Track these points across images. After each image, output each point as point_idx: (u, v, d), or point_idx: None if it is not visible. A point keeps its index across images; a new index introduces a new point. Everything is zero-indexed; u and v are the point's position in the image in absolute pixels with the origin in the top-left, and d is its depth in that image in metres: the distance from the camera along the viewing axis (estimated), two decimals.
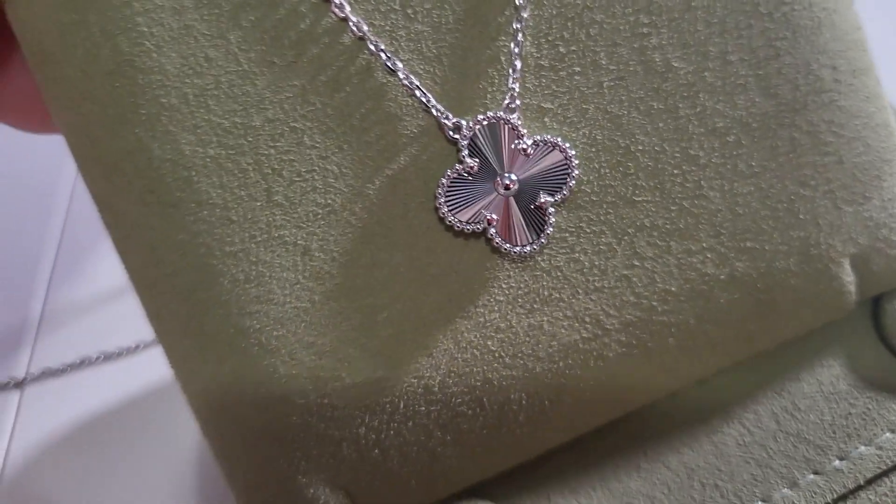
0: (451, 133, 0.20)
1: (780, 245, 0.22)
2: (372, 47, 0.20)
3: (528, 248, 0.20)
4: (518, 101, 0.20)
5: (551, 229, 0.21)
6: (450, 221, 0.20)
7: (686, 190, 0.21)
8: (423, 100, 0.20)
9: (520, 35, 0.20)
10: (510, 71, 0.20)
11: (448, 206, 0.20)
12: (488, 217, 0.20)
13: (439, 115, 0.20)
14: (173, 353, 0.21)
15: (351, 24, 0.20)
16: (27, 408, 0.31)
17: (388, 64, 0.20)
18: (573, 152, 0.20)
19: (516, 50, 0.20)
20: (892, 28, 0.36)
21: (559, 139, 0.20)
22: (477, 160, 0.20)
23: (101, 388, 0.31)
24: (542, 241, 0.21)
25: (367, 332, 0.20)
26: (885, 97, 0.23)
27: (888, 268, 0.23)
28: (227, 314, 0.20)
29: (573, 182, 0.21)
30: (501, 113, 0.20)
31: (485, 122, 0.20)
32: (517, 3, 0.20)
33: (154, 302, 0.21)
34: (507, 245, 0.20)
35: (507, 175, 0.20)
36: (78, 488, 0.29)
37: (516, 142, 0.20)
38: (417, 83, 0.20)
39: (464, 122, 0.20)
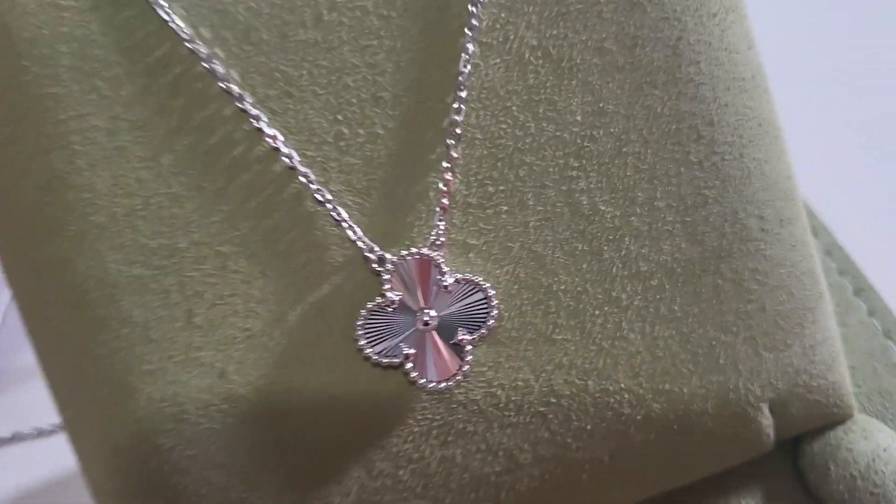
0: (375, 265, 0.20)
1: (698, 388, 0.22)
2: (302, 178, 0.20)
3: (444, 384, 0.21)
4: (444, 238, 0.21)
5: (468, 367, 0.21)
6: (367, 353, 0.20)
7: (606, 330, 0.22)
8: (350, 232, 0.20)
9: (449, 173, 0.21)
10: (437, 208, 0.21)
11: (367, 339, 0.20)
12: (406, 351, 0.20)
13: (364, 247, 0.20)
14: (85, 459, 0.21)
15: (282, 154, 0.20)
16: None
17: (317, 196, 0.20)
18: (493, 292, 0.21)
19: (444, 187, 0.21)
20: None
21: (481, 279, 0.21)
22: (399, 294, 0.20)
23: (33, 464, 0.31)
24: (459, 377, 0.21)
25: (279, 458, 0.21)
26: (811, 244, 0.23)
27: (806, 411, 0.23)
28: (140, 431, 0.20)
29: (492, 321, 0.21)
30: (426, 249, 0.20)
31: (408, 258, 0.20)
32: (448, 142, 0.20)
33: (70, 410, 0.21)
34: (423, 381, 0.21)
35: (426, 311, 0.20)
36: None
37: (438, 278, 0.20)
38: (346, 215, 0.20)
39: (388, 256, 0.20)
